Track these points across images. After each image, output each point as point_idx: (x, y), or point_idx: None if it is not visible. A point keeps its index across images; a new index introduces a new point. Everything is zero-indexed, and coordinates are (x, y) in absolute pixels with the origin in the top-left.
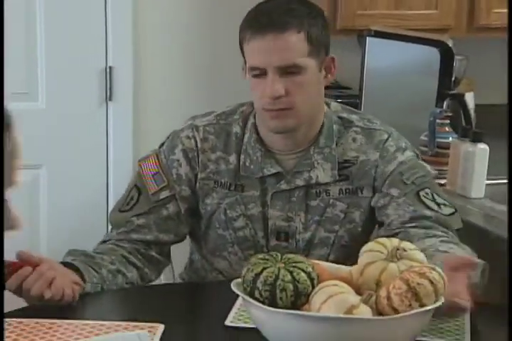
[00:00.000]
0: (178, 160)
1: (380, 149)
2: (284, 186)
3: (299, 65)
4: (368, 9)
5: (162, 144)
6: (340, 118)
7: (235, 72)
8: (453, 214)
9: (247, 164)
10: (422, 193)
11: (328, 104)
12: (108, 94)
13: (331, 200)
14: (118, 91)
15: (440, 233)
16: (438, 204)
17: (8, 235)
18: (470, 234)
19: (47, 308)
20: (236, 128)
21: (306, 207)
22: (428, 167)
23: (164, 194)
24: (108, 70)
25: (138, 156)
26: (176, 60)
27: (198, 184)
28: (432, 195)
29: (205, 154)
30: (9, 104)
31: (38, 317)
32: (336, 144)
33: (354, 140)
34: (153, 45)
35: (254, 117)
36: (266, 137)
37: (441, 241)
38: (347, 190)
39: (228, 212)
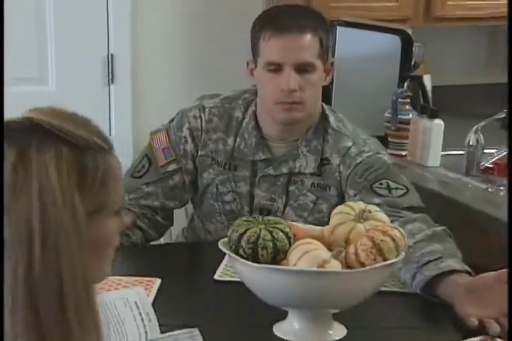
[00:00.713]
0: (185, 138)
1: (341, 155)
2: (271, 171)
3: (312, 64)
4: (339, 2)
5: (172, 120)
6: (326, 117)
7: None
8: (404, 194)
9: (241, 147)
10: (375, 185)
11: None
12: (110, 77)
13: (304, 190)
14: (118, 75)
15: (385, 210)
16: (390, 190)
17: None
18: (428, 198)
19: None
20: (238, 113)
21: (286, 192)
22: (384, 157)
23: (172, 167)
24: (110, 57)
25: (136, 131)
26: (170, 48)
27: (197, 159)
28: (387, 183)
29: (207, 134)
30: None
31: None
32: (323, 140)
33: (328, 141)
34: (149, 36)
35: (255, 105)
36: (264, 125)
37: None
38: (318, 185)
39: (220, 187)
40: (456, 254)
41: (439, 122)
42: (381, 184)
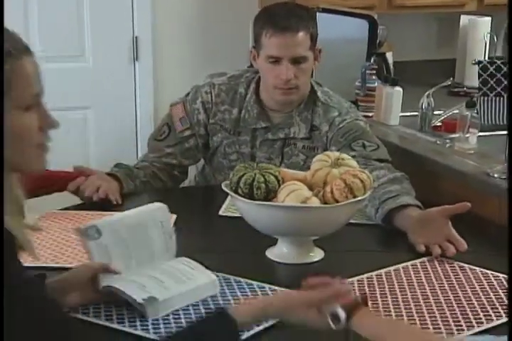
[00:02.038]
0: (198, 109)
1: (329, 123)
2: (270, 136)
3: (305, 56)
4: None
5: (187, 94)
6: (315, 92)
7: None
8: (375, 150)
9: (246, 117)
10: (353, 144)
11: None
12: (135, 56)
13: (296, 151)
14: (142, 54)
15: (359, 160)
16: (364, 147)
17: None
18: (389, 150)
19: (96, 204)
20: (241, 89)
21: (282, 153)
22: (361, 122)
23: (187, 133)
24: (134, 39)
25: (157, 100)
26: (186, 32)
27: (208, 126)
28: (362, 143)
29: (216, 106)
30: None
31: (91, 209)
32: (312, 111)
33: (317, 112)
34: (167, 21)
35: (256, 83)
36: (264, 99)
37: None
38: (308, 147)
39: (227, 148)
40: (411, 193)
41: (398, 89)
42: (357, 143)
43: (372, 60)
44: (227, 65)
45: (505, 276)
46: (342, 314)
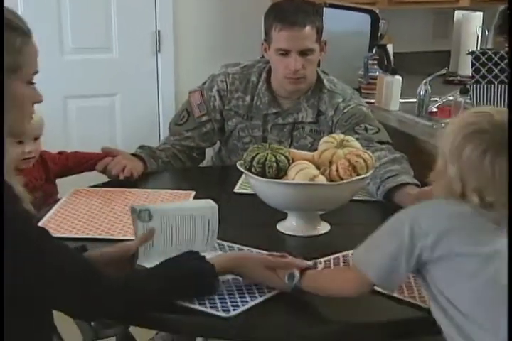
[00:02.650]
0: (214, 97)
1: (334, 108)
2: (280, 121)
3: (311, 49)
4: None
5: (204, 83)
6: (321, 81)
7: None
8: (376, 133)
9: (258, 104)
10: (356, 127)
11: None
12: (157, 48)
13: (304, 134)
14: (164, 46)
15: (362, 142)
16: (366, 130)
17: None
18: (390, 133)
19: (122, 182)
20: (253, 78)
21: (291, 136)
22: (364, 108)
23: (204, 118)
24: (157, 32)
25: (177, 88)
26: (203, 26)
27: (224, 112)
28: (365, 126)
29: (231, 93)
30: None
31: (117, 186)
32: (319, 98)
33: (323, 98)
34: (187, 16)
35: (267, 72)
36: (275, 87)
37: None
38: (315, 130)
39: (240, 132)
40: (410, 172)
41: (398, 78)
42: (360, 126)
43: (374, 51)
44: (240, 56)
45: None
46: (297, 274)
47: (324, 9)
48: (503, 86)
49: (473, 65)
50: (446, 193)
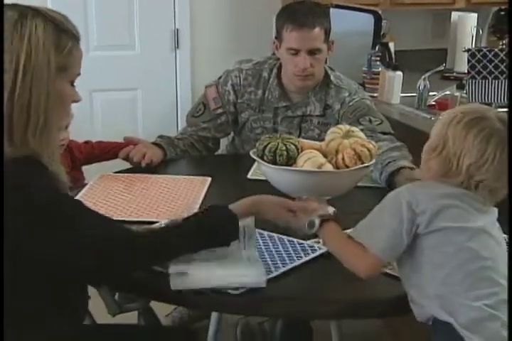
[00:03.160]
0: (228, 91)
1: (341, 102)
2: (289, 114)
3: (319, 48)
4: None
5: (220, 77)
6: (328, 77)
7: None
8: (379, 124)
9: (269, 98)
10: (361, 119)
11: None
12: (176, 45)
13: (312, 126)
14: (182, 43)
15: (366, 133)
16: (370, 122)
17: None
18: (391, 124)
19: (143, 168)
20: (265, 74)
21: (300, 128)
22: (367, 101)
23: (219, 110)
24: (176, 31)
25: (194, 82)
26: (218, 24)
27: (237, 105)
28: (369, 118)
29: (244, 88)
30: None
31: (139, 172)
32: (326, 92)
33: (330, 93)
34: (203, 16)
35: (277, 68)
36: (285, 82)
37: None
38: (322, 123)
39: (253, 124)
40: (408, 157)
41: (399, 73)
42: (364, 118)
43: (377, 49)
44: (253, 53)
45: None
46: (317, 222)
47: (331, 10)
48: (496, 81)
49: (469, 61)
50: (440, 169)
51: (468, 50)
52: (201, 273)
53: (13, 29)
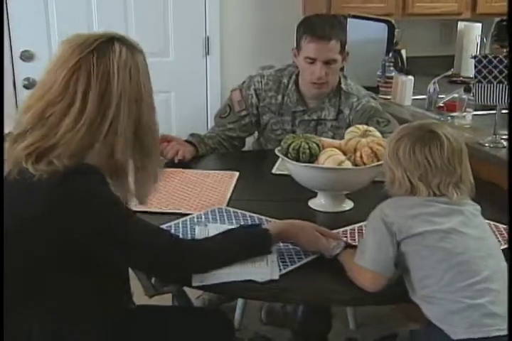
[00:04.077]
0: (251, 95)
1: (349, 107)
2: (306, 117)
3: (335, 59)
4: (349, 3)
5: (243, 82)
6: (340, 84)
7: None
8: (386, 124)
9: (287, 102)
10: (369, 122)
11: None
12: (206, 51)
13: (326, 129)
14: (212, 50)
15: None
16: (378, 123)
17: None
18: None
19: (176, 164)
20: (285, 80)
21: (315, 130)
22: (373, 103)
23: (243, 112)
24: (207, 38)
25: (223, 86)
26: (245, 32)
27: (259, 108)
28: (376, 120)
29: (265, 92)
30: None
31: (173, 167)
32: (339, 99)
33: (342, 99)
34: (232, 24)
35: (296, 75)
36: (302, 89)
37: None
38: (335, 126)
39: (273, 126)
40: None
41: (410, 78)
42: (372, 120)
43: (390, 55)
44: (277, 59)
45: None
46: (342, 245)
47: (349, 20)
48: (501, 85)
49: (475, 67)
50: (400, 190)
51: (475, 57)
52: (221, 270)
53: (132, 65)
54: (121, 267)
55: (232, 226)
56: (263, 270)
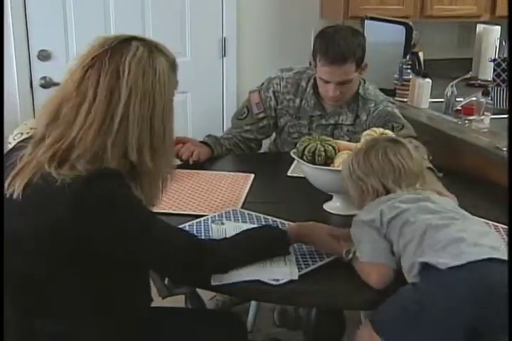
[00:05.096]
0: (270, 97)
1: (367, 113)
2: (323, 122)
3: (350, 79)
4: (367, 5)
5: (262, 84)
6: (358, 89)
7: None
8: (401, 129)
9: (305, 106)
10: (384, 127)
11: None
12: (223, 53)
13: (342, 134)
14: (229, 51)
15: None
16: (393, 128)
17: None
18: (421, 127)
19: (191, 165)
20: (303, 83)
21: (332, 135)
22: (389, 108)
23: (261, 115)
24: (223, 39)
25: (239, 87)
26: (262, 34)
27: (277, 110)
28: (392, 125)
29: (283, 95)
30: None
31: (187, 168)
32: (357, 104)
33: (360, 104)
34: (248, 25)
35: (314, 79)
36: (320, 94)
37: None
38: (351, 131)
39: (290, 129)
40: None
41: (428, 80)
42: (388, 126)
43: (407, 57)
44: (294, 60)
45: (504, 226)
46: (353, 250)
47: (366, 21)
48: None
49: (494, 70)
50: (373, 197)
51: (494, 60)
52: (240, 270)
53: (147, 65)
54: (144, 269)
55: (248, 224)
56: (282, 270)
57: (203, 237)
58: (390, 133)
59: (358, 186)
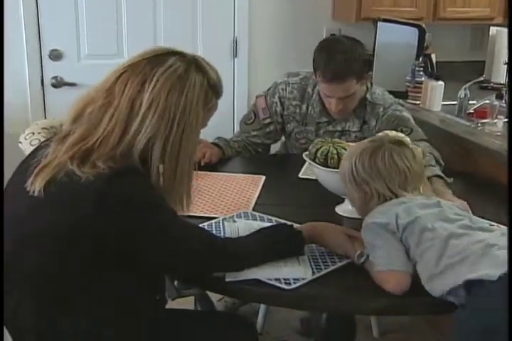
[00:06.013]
0: (276, 102)
1: (376, 117)
2: (330, 128)
3: (351, 93)
4: (380, 6)
5: (269, 89)
6: (365, 94)
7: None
8: (409, 133)
9: (311, 113)
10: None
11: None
12: (234, 53)
13: (350, 140)
14: (240, 52)
15: None
16: (403, 132)
17: None
18: (433, 130)
19: (203, 166)
20: (309, 89)
21: None
22: (397, 112)
23: (268, 120)
24: (235, 40)
25: (250, 89)
26: (273, 35)
27: (284, 116)
28: (401, 129)
29: (289, 101)
30: None
31: (199, 170)
32: (365, 109)
33: (367, 110)
34: (259, 26)
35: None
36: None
37: None
38: (359, 137)
39: (297, 135)
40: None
41: (440, 83)
42: (396, 130)
43: (420, 60)
44: (304, 62)
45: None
46: (366, 253)
47: (379, 23)
48: None
49: (508, 73)
50: (379, 202)
51: (508, 63)
52: (254, 268)
53: (177, 81)
54: (163, 267)
55: (259, 222)
56: (296, 269)
57: (216, 233)
58: (402, 136)
59: (360, 188)
